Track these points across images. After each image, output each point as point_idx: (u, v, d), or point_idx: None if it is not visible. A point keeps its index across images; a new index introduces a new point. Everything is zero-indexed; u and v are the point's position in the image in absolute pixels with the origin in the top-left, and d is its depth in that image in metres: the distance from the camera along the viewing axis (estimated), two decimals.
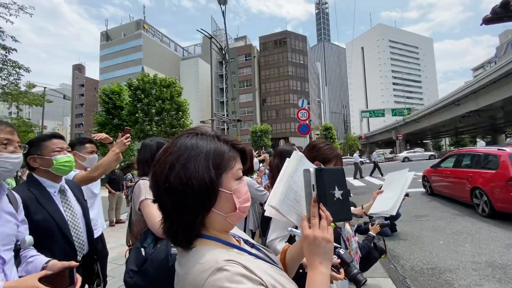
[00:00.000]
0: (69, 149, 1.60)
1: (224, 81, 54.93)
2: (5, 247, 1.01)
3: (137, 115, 21.72)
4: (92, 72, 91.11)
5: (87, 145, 2.14)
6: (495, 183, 5.00)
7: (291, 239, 1.22)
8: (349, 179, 13.71)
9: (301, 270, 0.78)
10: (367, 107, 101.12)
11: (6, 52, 7.97)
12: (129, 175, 7.55)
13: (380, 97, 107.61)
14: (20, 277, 1.07)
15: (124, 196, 7.55)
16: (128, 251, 1.48)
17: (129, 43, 61.13)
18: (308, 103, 44.48)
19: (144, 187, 1.51)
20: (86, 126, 60.18)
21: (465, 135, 54.90)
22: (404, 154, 34.78)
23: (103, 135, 2.05)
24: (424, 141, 62.07)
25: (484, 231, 4.55)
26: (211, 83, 15.85)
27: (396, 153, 42.54)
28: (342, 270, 0.74)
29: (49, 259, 1.14)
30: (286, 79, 51.79)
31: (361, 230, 2.56)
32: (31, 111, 54.58)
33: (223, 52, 19.37)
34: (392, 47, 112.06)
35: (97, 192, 2.25)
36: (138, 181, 1.59)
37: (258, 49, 55.70)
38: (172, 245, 1.39)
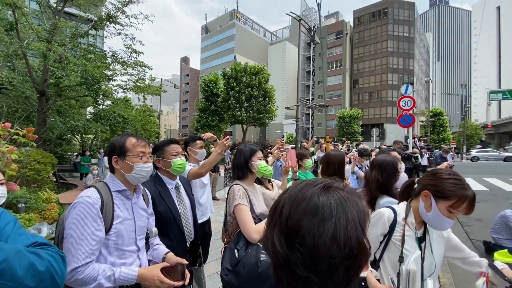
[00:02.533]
0: (183, 153, 1.93)
1: (311, 63, 53.00)
2: (140, 237, 1.32)
3: (229, 101, 23.85)
4: (195, 63, 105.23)
5: (198, 141, 2.58)
6: None
7: None
8: None
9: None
10: (500, 86, 77.81)
11: (137, 55, 10.10)
12: (226, 159, 8.53)
13: None
14: (148, 261, 1.39)
15: (219, 176, 8.63)
16: (224, 248, 1.67)
17: (224, 34, 66.47)
18: (413, 84, 37.84)
19: (238, 192, 1.65)
20: (190, 111, 70.46)
21: None
22: (474, 153, 28.22)
23: (209, 134, 2.52)
24: None
25: None
26: (298, 66, 15.51)
27: None
28: None
29: (167, 250, 1.44)
30: (385, 56, 45.31)
31: None
32: (152, 98, 68.20)
33: (312, 33, 18.54)
34: None
35: (206, 182, 2.68)
36: (232, 185, 1.74)
37: (352, 25, 50.47)
38: (262, 251, 1.49)
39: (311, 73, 53.23)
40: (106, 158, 7.02)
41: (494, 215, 4.02)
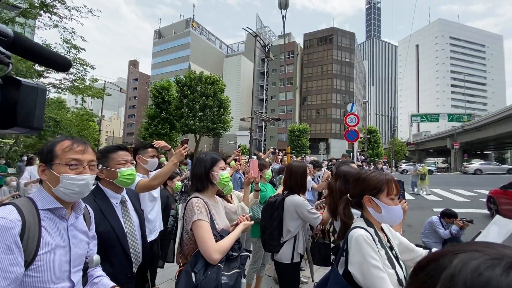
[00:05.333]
0: (133, 161, 1.66)
1: (265, 78, 55.08)
2: (75, 269, 1.03)
3: (182, 110, 22.96)
4: (145, 67, 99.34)
5: (149, 149, 2.29)
6: None
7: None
8: None
9: None
10: (419, 111, 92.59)
11: (76, 51, 9.01)
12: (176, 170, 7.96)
13: (435, 100, 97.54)
14: None
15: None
16: (178, 272, 1.46)
17: (179, 41, 64.76)
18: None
19: (197, 206, 1.47)
20: (138, 117, 65.61)
21: None
22: (476, 165, 31.32)
23: (162, 143, 2.25)
24: (485, 152, 54.71)
25: None
26: (253, 80, 15.92)
27: (450, 164, 38.28)
28: None
29: (113, 284, 1.16)
30: (330, 77, 49.85)
31: None
32: (92, 102, 61.52)
33: (266, 50, 19.31)
34: (453, 44, 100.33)
35: (157, 195, 2.39)
36: (191, 198, 1.56)
37: (302, 47, 54.53)
38: (223, 273, 1.33)
39: (264, 88, 55.21)
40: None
41: (422, 221, 4.55)
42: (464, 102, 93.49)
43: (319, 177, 4.64)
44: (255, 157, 10.91)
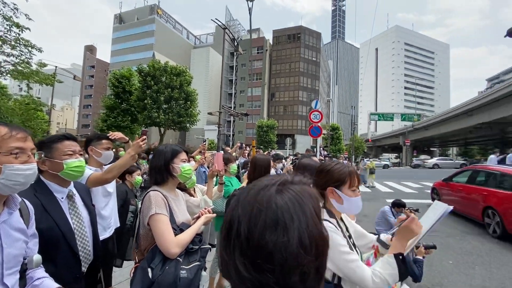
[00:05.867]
0: (81, 152, 1.51)
1: (234, 72, 54.51)
2: (9, 271, 0.91)
3: (145, 101, 21.75)
4: (104, 54, 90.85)
5: (104, 141, 2.11)
6: (509, 205, 4.82)
7: None
8: None
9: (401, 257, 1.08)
10: (376, 110, 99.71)
11: (19, 31, 7.92)
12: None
13: (391, 100, 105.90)
14: None
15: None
16: (134, 269, 1.39)
17: (142, 28, 60.84)
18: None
19: (155, 200, 1.41)
20: (94, 108, 60.62)
21: (474, 146, 53.85)
22: (434, 160, 35.47)
23: (119, 134, 2.10)
24: (431, 149, 61.14)
25: (495, 254, 4.40)
26: (222, 74, 15.58)
27: (402, 159, 42.01)
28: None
29: (58, 286, 1.05)
30: (297, 75, 51.11)
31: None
32: (41, 89, 55.17)
33: (236, 43, 19.10)
34: (407, 50, 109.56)
35: (112, 190, 2.22)
36: (148, 192, 1.48)
37: (271, 43, 54.95)
38: (182, 266, 1.30)
39: (233, 82, 54.68)
40: None
41: (376, 211, 4.94)
42: (415, 104, 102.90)
43: (281, 169, 4.80)
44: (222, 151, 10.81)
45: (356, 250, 1.23)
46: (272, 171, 4.15)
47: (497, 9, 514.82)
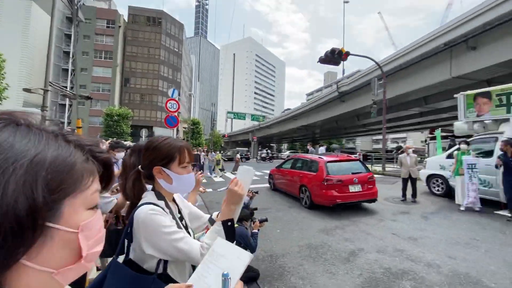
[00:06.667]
0: None
1: (72, 44, 42.95)
2: None
3: None
4: None
5: None
6: (315, 182, 6.65)
7: None
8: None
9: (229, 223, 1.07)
10: (233, 109, 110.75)
11: None
12: None
13: (244, 102, 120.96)
14: None
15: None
16: None
17: None
18: (179, 94, 42.99)
19: None
20: None
21: (297, 142, 71.61)
22: (287, 153, 43.67)
23: None
24: (271, 144, 75.52)
25: (306, 220, 5.92)
26: (50, 39, 11.53)
27: (251, 152, 48.95)
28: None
29: None
30: (157, 63, 47.50)
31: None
32: None
33: (76, 7, 15.05)
34: (257, 61, 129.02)
35: None
36: None
37: (126, 20, 47.80)
38: None
39: (71, 56, 43.08)
40: None
41: None
42: (261, 107, 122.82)
43: (121, 158, 4.23)
44: None
45: (189, 232, 1.17)
46: None
47: (315, 44, 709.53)
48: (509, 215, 5.67)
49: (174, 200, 1.20)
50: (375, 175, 10.07)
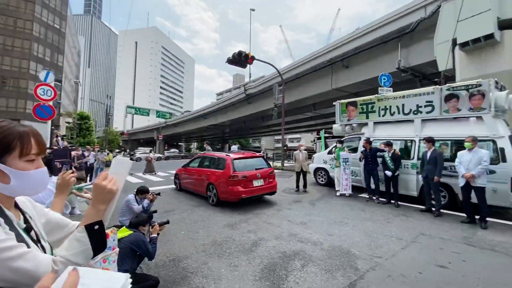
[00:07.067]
0: None
1: None
2: None
3: None
4: None
5: None
6: (222, 179, 6.73)
7: None
8: None
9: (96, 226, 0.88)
10: (134, 103, 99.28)
11: None
12: None
13: (148, 96, 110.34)
14: None
15: None
16: None
17: None
18: (60, 81, 34.70)
19: None
20: None
21: (207, 142, 71.38)
22: (166, 152, 39.92)
23: None
24: (179, 144, 71.95)
25: (212, 217, 5.90)
26: None
27: (155, 152, 45.21)
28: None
29: None
30: (28, 39, 36.94)
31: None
32: None
33: None
34: (164, 54, 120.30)
35: None
36: None
37: None
38: None
39: None
40: None
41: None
42: (168, 103, 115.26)
43: None
44: None
45: (42, 246, 0.87)
46: None
47: (224, 45, 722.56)
48: (367, 197, 7.41)
49: (17, 206, 0.89)
50: (276, 170, 11.12)
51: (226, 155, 7.25)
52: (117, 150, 47.15)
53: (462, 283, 3.05)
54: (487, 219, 5.03)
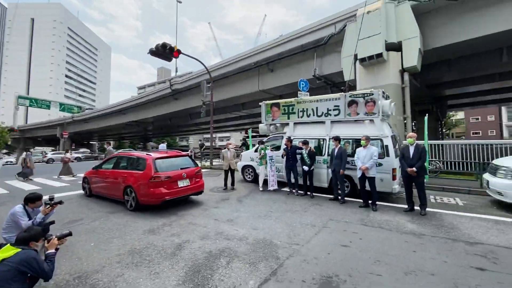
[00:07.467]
0: None
1: None
2: None
3: None
4: None
5: None
6: (141, 181, 6.16)
7: None
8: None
9: None
10: (28, 93, 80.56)
11: None
12: None
13: (48, 86, 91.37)
14: None
15: None
16: None
17: None
18: None
19: None
20: None
21: (126, 140, 63.94)
22: (74, 152, 34.56)
23: None
24: (91, 142, 62.27)
25: (130, 224, 5.33)
26: None
27: (60, 151, 38.06)
28: None
29: None
30: None
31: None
32: None
33: None
34: (71, 37, 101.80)
35: None
36: None
37: None
38: None
39: None
40: None
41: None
42: (76, 95, 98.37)
43: None
44: None
45: None
46: None
47: (147, 35, 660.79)
48: (288, 190, 8.09)
49: None
50: (204, 170, 10.92)
51: (147, 154, 6.68)
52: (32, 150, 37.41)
53: (360, 256, 3.67)
54: (377, 203, 6.20)
